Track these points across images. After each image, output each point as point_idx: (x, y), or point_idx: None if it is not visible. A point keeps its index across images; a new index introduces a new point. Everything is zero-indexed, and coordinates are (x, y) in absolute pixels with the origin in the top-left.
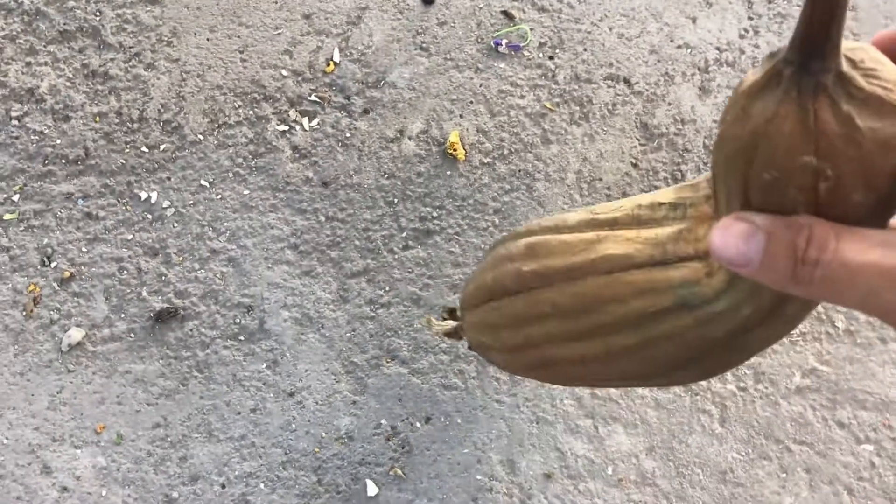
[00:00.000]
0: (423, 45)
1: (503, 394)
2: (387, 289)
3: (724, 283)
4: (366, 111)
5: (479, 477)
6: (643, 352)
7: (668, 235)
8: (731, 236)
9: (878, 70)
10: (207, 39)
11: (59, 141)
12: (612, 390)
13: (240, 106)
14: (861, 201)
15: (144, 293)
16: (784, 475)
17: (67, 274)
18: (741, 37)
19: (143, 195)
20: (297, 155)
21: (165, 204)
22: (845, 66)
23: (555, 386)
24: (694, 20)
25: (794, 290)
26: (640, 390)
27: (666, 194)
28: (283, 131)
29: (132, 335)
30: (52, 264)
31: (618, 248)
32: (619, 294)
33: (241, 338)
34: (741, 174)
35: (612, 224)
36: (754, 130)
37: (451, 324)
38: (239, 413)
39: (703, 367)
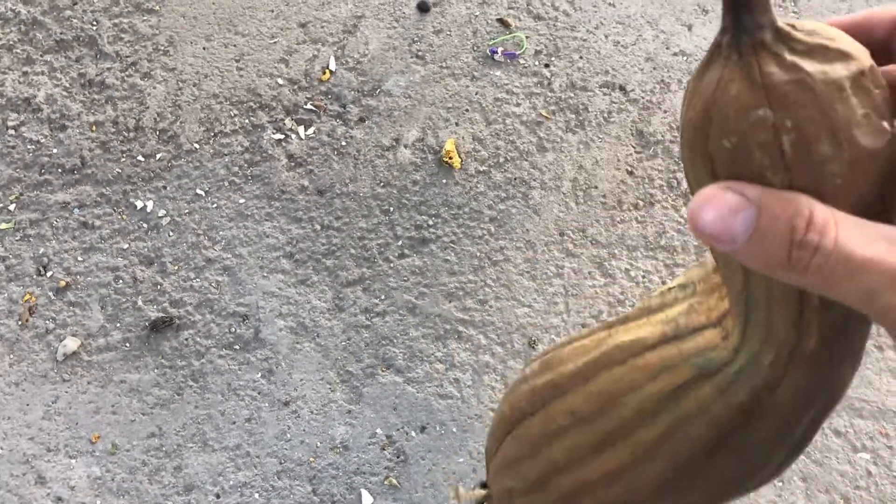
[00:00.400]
0: (419, 54)
1: (498, 402)
2: (382, 297)
3: (739, 339)
4: (361, 119)
5: None
6: (671, 442)
7: (678, 311)
8: (716, 208)
9: (817, 29)
10: (204, 48)
11: (55, 150)
12: None
13: (236, 115)
14: (831, 154)
15: (140, 302)
16: (780, 484)
17: (63, 283)
18: None
19: (139, 204)
20: (292, 163)
21: (161, 213)
22: (784, 26)
23: None
24: (690, 27)
25: (783, 276)
26: None
27: (674, 281)
28: (279, 140)
29: (127, 345)
30: (48, 274)
31: (628, 334)
32: (634, 381)
33: (237, 347)
34: (704, 155)
35: (624, 320)
36: (704, 103)
37: (479, 493)
38: (234, 422)
39: (742, 455)
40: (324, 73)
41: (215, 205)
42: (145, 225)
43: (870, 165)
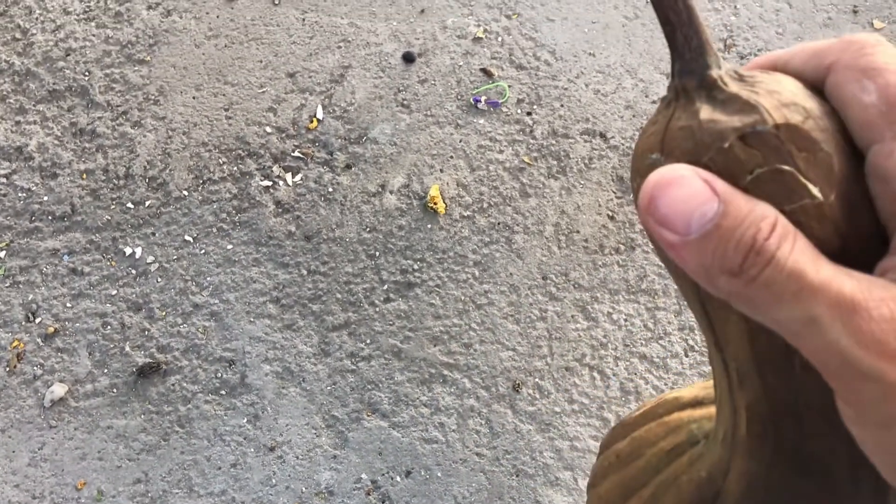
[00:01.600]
0: (405, 102)
1: (483, 447)
2: (368, 342)
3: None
4: (348, 166)
5: None
6: None
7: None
8: (680, 190)
9: (765, 81)
10: (193, 97)
11: (46, 198)
12: (592, 442)
13: (224, 162)
14: None
15: (127, 348)
16: None
17: (52, 329)
18: None
19: (128, 250)
20: (280, 210)
21: (150, 259)
22: (720, 73)
23: (534, 438)
24: (668, 76)
25: (723, 286)
26: None
27: None
28: (267, 187)
29: (115, 390)
30: (37, 320)
31: (678, 392)
32: (656, 436)
33: (223, 392)
34: (631, 191)
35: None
36: (636, 142)
37: None
38: (219, 468)
39: None
40: (311, 121)
41: (203, 251)
42: (134, 271)
43: None
